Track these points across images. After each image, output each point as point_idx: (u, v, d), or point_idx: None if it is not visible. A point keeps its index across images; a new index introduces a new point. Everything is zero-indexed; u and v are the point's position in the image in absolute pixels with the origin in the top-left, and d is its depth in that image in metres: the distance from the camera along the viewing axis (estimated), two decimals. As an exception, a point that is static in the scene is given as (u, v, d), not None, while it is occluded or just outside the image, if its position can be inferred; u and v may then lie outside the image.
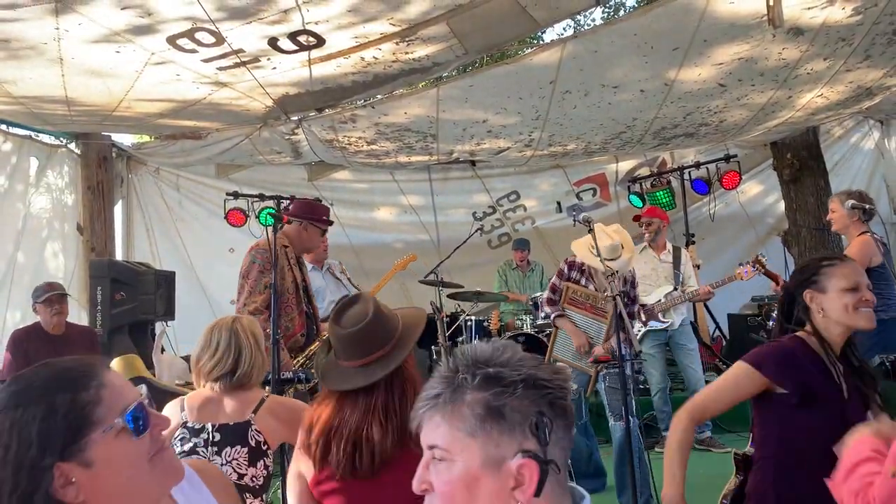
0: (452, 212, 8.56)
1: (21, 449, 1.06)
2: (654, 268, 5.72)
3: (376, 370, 1.95)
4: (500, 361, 1.10)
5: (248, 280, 4.07)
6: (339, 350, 2.03)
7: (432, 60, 4.89)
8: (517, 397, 1.06)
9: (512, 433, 1.05)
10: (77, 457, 1.08)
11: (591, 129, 6.15)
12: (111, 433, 1.10)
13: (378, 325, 2.00)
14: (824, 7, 4.12)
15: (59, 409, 1.08)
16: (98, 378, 1.14)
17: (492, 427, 1.05)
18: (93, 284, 5.67)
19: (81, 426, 1.09)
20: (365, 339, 1.97)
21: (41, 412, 1.07)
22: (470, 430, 1.06)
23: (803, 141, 7.22)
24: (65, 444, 1.07)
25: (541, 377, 1.08)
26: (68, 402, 1.09)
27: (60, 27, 3.93)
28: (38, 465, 1.05)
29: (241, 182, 7.54)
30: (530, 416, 1.05)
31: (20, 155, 6.23)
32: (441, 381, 1.11)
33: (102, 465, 1.09)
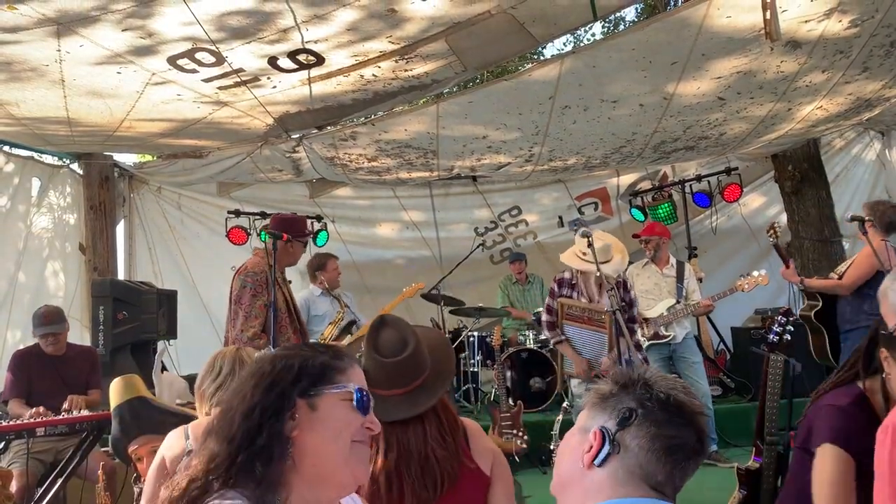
0: (454, 227, 8.56)
1: (281, 373, 1.29)
2: (656, 283, 5.72)
3: (420, 398, 1.94)
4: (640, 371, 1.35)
5: (241, 305, 4.02)
6: (376, 379, 1.92)
7: (431, 77, 4.91)
8: (623, 389, 1.30)
9: (603, 412, 1.30)
10: (309, 398, 1.28)
11: (592, 144, 6.16)
12: (339, 394, 1.30)
13: (419, 353, 1.98)
14: (821, 20, 4.14)
15: (317, 359, 1.32)
16: (350, 361, 1.38)
17: (597, 405, 1.32)
18: (95, 304, 5.67)
19: (325, 377, 1.31)
20: (407, 368, 1.95)
21: (306, 353, 1.34)
22: (588, 406, 1.35)
23: (804, 153, 7.22)
24: (310, 383, 1.29)
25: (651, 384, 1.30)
26: (325, 359, 1.33)
27: (62, 49, 3.96)
28: (290, 391, 1.27)
29: (243, 200, 7.57)
30: (622, 406, 1.28)
31: (22, 175, 6.26)
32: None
33: (322, 414, 1.28)
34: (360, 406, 1.33)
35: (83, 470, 4.17)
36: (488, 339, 6.74)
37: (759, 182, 8.26)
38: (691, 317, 5.70)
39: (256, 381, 1.30)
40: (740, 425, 5.61)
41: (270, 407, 1.26)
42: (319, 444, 1.27)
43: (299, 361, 1.32)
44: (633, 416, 1.27)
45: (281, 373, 1.30)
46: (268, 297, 3.84)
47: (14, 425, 3.82)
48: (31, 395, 4.45)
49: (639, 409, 1.27)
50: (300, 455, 1.26)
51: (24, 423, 3.84)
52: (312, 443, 1.27)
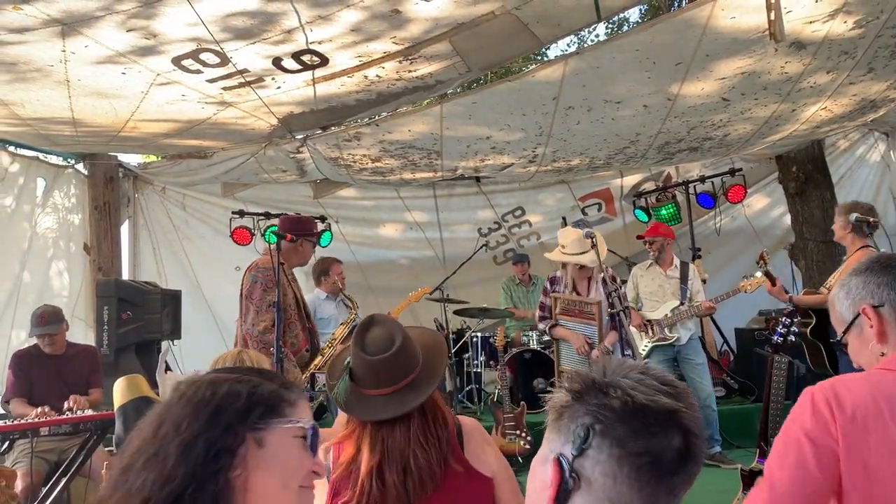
0: (457, 228, 8.57)
1: (228, 398, 1.10)
2: (660, 284, 5.71)
3: (408, 397, 1.88)
4: (609, 368, 1.04)
5: (252, 300, 4.07)
6: (363, 378, 1.91)
7: (435, 78, 4.92)
8: (579, 400, 1.01)
9: (560, 433, 1.02)
10: (257, 431, 1.10)
11: (595, 145, 6.16)
12: (291, 429, 1.14)
13: (406, 350, 1.92)
14: (826, 21, 4.13)
15: (266, 387, 1.15)
16: (300, 394, 1.21)
17: (555, 423, 1.04)
18: (99, 304, 5.69)
19: (274, 409, 1.13)
20: (394, 366, 1.89)
21: (253, 381, 1.15)
22: (549, 425, 1.06)
23: (809, 154, 7.21)
24: (259, 415, 1.11)
25: (611, 391, 0.99)
26: (274, 387, 1.17)
27: (67, 49, 3.97)
28: (236, 423, 1.09)
29: (247, 200, 7.58)
30: (577, 423, 0.99)
31: (27, 176, 6.28)
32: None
33: (271, 452, 1.11)
34: (312, 445, 1.18)
35: (87, 469, 4.19)
36: (491, 340, 6.74)
37: (764, 183, 8.25)
38: (695, 318, 5.69)
39: (196, 407, 1.09)
40: (744, 427, 5.60)
41: (216, 441, 1.06)
42: (267, 489, 1.10)
43: (247, 388, 1.13)
44: (590, 436, 0.97)
45: (227, 399, 1.10)
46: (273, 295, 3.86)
47: (18, 425, 3.83)
48: (32, 394, 4.46)
49: (595, 424, 0.97)
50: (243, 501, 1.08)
51: (29, 423, 3.86)
52: (258, 487, 1.09)
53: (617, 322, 4.54)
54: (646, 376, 1.01)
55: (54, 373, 4.55)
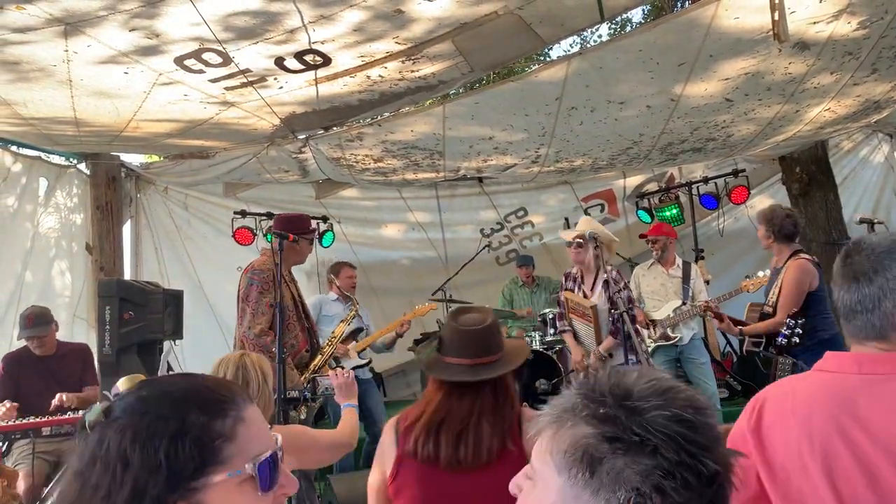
0: (460, 228, 8.56)
1: (144, 472, 0.87)
2: (662, 283, 5.70)
3: (482, 372, 2.09)
4: (632, 399, 0.85)
5: (248, 303, 4.06)
6: (451, 346, 2.16)
7: (438, 78, 4.91)
8: (623, 455, 0.82)
9: (596, 494, 0.83)
10: (192, 496, 0.89)
11: (598, 145, 6.15)
12: (235, 480, 0.91)
13: (493, 333, 2.17)
14: (830, 21, 4.11)
15: (190, 432, 0.90)
16: (238, 409, 0.96)
17: (579, 474, 0.84)
18: (101, 304, 5.66)
19: (207, 461, 0.90)
20: (480, 339, 2.14)
21: (171, 430, 0.90)
22: (559, 465, 0.87)
23: (812, 155, 7.19)
24: (189, 475, 0.89)
25: (665, 452, 0.81)
26: (201, 426, 0.91)
27: (69, 49, 3.97)
28: (163, 499, 0.88)
29: (249, 201, 7.57)
30: (626, 486, 0.81)
31: (30, 175, 6.28)
32: (566, 395, 0.93)
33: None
34: (268, 483, 0.94)
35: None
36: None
37: (767, 184, 8.23)
38: (698, 318, 5.68)
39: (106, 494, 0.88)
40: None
41: None
42: None
43: (164, 448, 0.88)
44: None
45: (142, 473, 0.87)
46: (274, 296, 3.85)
47: (20, 424, 3.83)
48: (21, 396, 4.40)
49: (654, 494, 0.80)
50: None
51: (31, 423, 3.85)
52: None
53: (618, 327, 4.55)
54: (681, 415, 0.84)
55: (46, 374, 4.53)
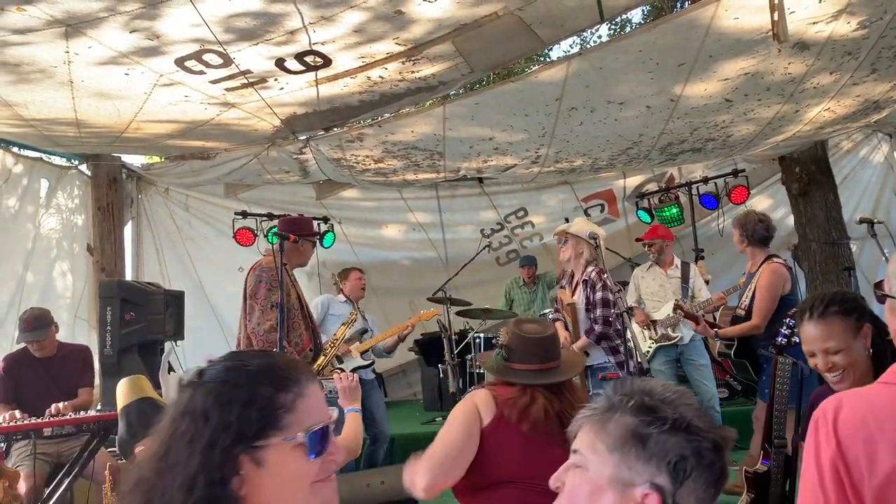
0: (460, 229, 8.57)
1: (218, 428, 1.08)
2: (661, 284, 5.71)
3: (553, 375, 2.32)
4: (662, 397, 1.14)
5: (257, 300, 4.07)
6: (518, 352, 2.35)
7: (438, 79, 4.91)
8: (664, 432, 1.10)
9: (648, 463, 1.08)
10: (254, 452, 1.10)
11: (598, 146, 6.15)
12: (289, 444, 1.12)
13: (554, 341, 2.40)
14: (829, 21, 4.12)
15: (258, 401, 1.11)
16: (300, 387, 1.16)
17: (630, 450, 1.10)
18: (102, 305, 5.67)
19: (269, 425, 1.11)
20: (546, 346, 2.35)
21: (244, 396, 1.11)
22: (611, 445, 1.11)
23: (812, 155, 7.19)
24: (252, 435, 1.10)
25: (696, 424, 1.11)
26: (267, 397, 1.12)
27: (70, 50, 3.98)
28: (231, 450, 1.08)
29: (250, 201, 7.59)
30: (671, 455, 1.08)
31: (31, 176, 6.29)
32: (604, 398, 1.18)
33: (271, 469, 1.11)
34: (317, 450, 1.14)
35: (89, 471, 4.18)
36: (494, 341, 6.74)
37: (767, 184, 8.24)
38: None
39: (191, 436, 1.10)
40: (747, 428, 5.57)
41: (213, 473, 1.07)
42: (269, 498, 1.11)
43: (238, 408, 1.10)
44: (689, 470, 1.09)
45: (218, 427, 1.09)
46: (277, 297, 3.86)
47: (21, 425, 3.83)
48: (20, 397, 4.39)
49: (692, 457, 1.09)
50: None
51: (32, 424, 3.85)
52: (266, 500, 1.11)
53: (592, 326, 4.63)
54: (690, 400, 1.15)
55: (45, 376, 4.52)
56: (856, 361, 2.09)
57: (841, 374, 2.09)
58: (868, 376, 2.05)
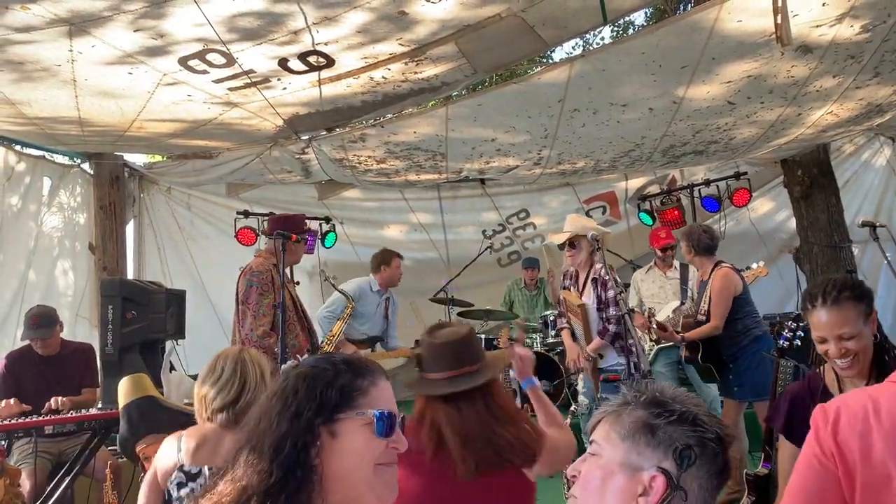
0: (462, 229, 8.57)
1: (305, 400, 1.29)
2: (661, 286, 5.73)
3: (462, 383, 2.09)
4: (673, 395, 1.26)
5: (249, 305, 4.07)
6: (428, 360, 2.17)
7: (441, 80, 4.92)
8: (671, 423, 1.20)
9: (656, 449, 1.19)
10: (330, 424, 1.28)
11: (600, 148, 6.15)
12: (360, 420, 1.30)
13: (468, 343, 2.17)
14: (833, 25, 4.12)
15: (339, 380, 1.32)
16: (374, 378, 1.36)
17: (641, 438, 1.20)
18: (104, 303, 5.67)
19: (345, 401, 1.30)
20: (455, 351, 2.14)
21: (328, 377, 1.32)
22: (623, 434, 1.22)
23: (814, 158, 7.19)
24: (332, 409, 1.29)
25: (701, 418, 1.22)
26: (346, 378, 1.32)
27: (74, 49, 3.98)
28: (313, 420, 1.28)
29: (252, 201, 7.59)
30: (677, 443, 1.18)
31: (34, 175, 6.30)
32: (621, 396, 1.30)
33: (343, 440, 1.28)
34: (382, 430, 1.31)
35: (90, 469, 4.18)
36: (495, 342, 6.74)
37: (769, 187, 8.24)
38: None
39: (282, 406, 1.30)
40: (749, 431, 5.57)
41: (299, 438, 1.27)
42: (343, 471, 1.28)
43: (322, 385, 1.31)
44: (694, 457, 1.18)
45: (304, 400, 1.29)
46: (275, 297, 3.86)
47: (22, 423, 3.83)
48: (22, 395, 4.39)
49: (696, 447, 1.19)
50: (325, 482, 1.27)
51: (33, 421, 3.86)
52: (336, 469, 1.28)
53: (606, 327, 4.59)
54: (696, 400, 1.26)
55: (48, 374, 4.52)
56: (866, 347, 2.08)
57: (851, 361, 2.07)
58: (871, 363, 2.08)
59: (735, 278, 4.68)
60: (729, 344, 4.67)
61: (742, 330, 4.63)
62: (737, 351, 4.64)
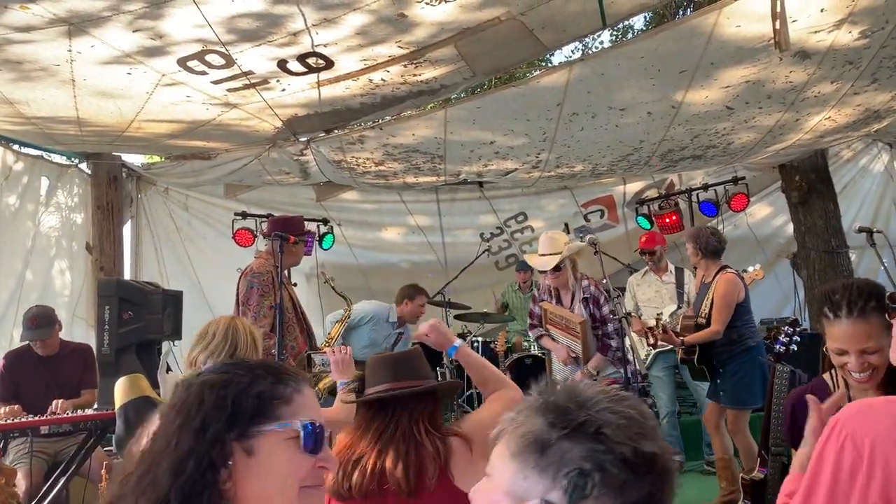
0: (460, 232, 8.57)
1: (213, 410, 1.06)
2: (657, 290, 5.74)
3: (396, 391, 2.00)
4: (582, 399, 0.94)
5: (249, 306, 4.07)
6: (369, 377, 2.06)
7: (440, 82, 4.92)
8: (567, 437, 0.90)
9: (543, 473, 0.90)
10: (245, 440, 1.07)
11: (599, 151, 6.16)
12: (283, 433, 1.09)
13: (412, 357, 2.08)
14: (831, 31, 4.13)
15: (256, 387, 1.10)
16: (299, 385, 1.15)
17: (530, 457, 0.92)
18: (101, 303, 5.66)
19: (263, 412, 1.08)
20: (396, 364, 2.05)
21: (242, 383, 1.09)
22: (514, 451, 0.94)
23: (812, 163, 7.20)
24: (247, 421, 1.07)
25: (607, 432, 0.90)
26: (265, 384, 1.11)
27: (73, 49, 3.98)
28: (223, 435, 1.06)
29: (250, 202, 7.58)
30: (569, 466, 0.89)
31: (31, 174, 6.29)
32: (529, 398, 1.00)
33: (261, 459, 1.07)
34: (310, 445, 1.10)
35: (86, 469, 4.17)
36: (493, 345, 6.74)
37: (767, 192, 8.25)
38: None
39: (183, 420, 1.07)
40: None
41: (204, 457, 1.04)
42: (262, 496, 1.07)
43: (233, 394, 1.08)
44: (590, 486, 0.88)
45: (212, 411, 1.06)
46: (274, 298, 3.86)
47: (18, 423, 3.82)
48: (21, 395, 4.39)
49: (595, 472, 0.88)
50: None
51: (29, 422, 3.85)
52: (253, 494, 1.06)
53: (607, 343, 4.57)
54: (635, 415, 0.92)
55: (46, 374, 4.51)
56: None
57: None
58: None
59: (740, 285, 4.68)
60: (721, 350, 4.68)
61: (737, 339, 4.64)
62: (727, 358, 4.66)
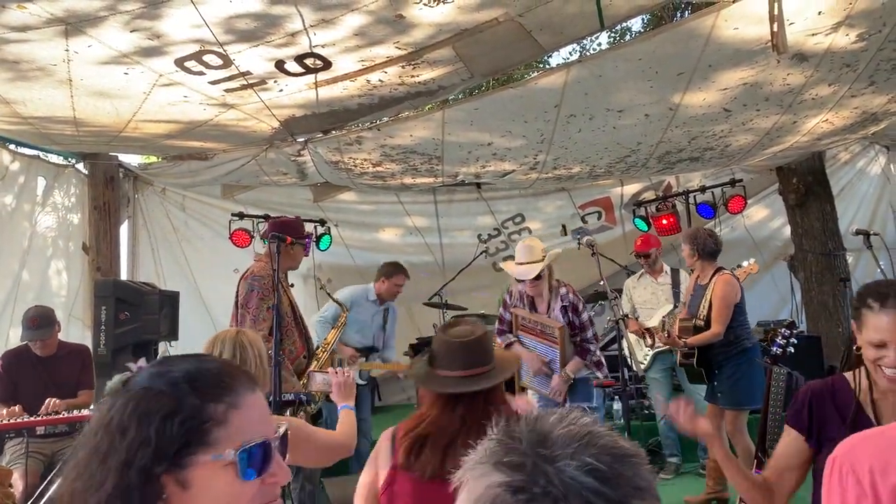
0: (457, 234, 8.57)
1: (135, 444, 0.94)
2: (653, 292, 5.75)
3: (474, 383, 2.09)
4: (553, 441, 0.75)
5: (248, 309, 4.06)
6: (442, 358, 2.16)
7: (438, 84, 4.92)
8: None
9: None
10: (177, 471, 0.95)
11: (596, 153, 6.16)
12: (218, 463, 0.96)
13: (483, 344, 2.18)
14: (828, 33, 4.13)
15: (182, 413, 0.96)
16: (235, 396, 1.00)
17: None
18: (97, 304, 5.67)
19: (194, 441, 0.96)
20: (470, 351, 2.14)
21: (165, 409, 0.96)
22: None
23: (809, 166, 7.22)
24: (175, 452, 0.95)
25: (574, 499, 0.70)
26: (194, 408, 0.97)
27: (70, 49, 3.97)
28: (151, 470, 0.94)
29: (247, 203, 7.57)
30: None
31: (28, 174, 6.27)
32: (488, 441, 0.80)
33: (198, 491, 0.96)
34: (251, 470, 0.98)
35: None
36: (490, 347, 6.72)
37: (764, 194, 8.26)
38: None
39: (105, 453, 0.95)
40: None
41: (131, 496, 0.93)
42: None
43: (158, 421, 0.95)
44: None
45: (135, 444, 0.94)
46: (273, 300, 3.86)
47: (14, 423, 3.81)
48: (18, 395, 4.38)
49: None
50: None
51: (25, 422, 3.83)
52: None
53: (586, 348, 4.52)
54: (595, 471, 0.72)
55: (44, 374, 4.50)
56: None
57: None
58: None
59: (737, 286, 4.71)
60: (718, 351, 4.69)
61: (734, 340, 4.66)
62: (724, 360, 4.67)
